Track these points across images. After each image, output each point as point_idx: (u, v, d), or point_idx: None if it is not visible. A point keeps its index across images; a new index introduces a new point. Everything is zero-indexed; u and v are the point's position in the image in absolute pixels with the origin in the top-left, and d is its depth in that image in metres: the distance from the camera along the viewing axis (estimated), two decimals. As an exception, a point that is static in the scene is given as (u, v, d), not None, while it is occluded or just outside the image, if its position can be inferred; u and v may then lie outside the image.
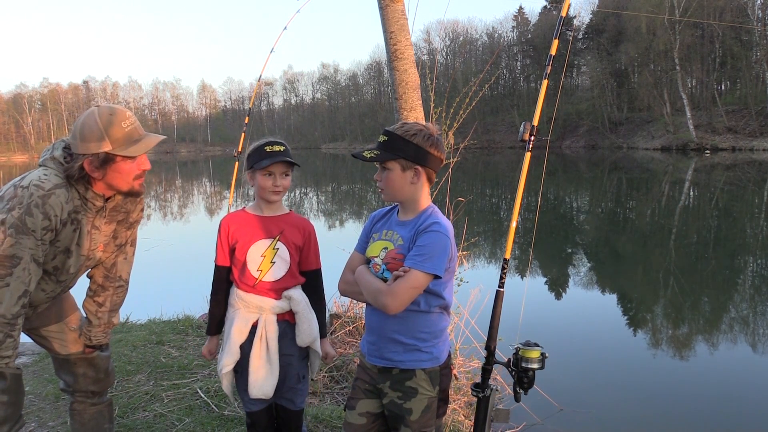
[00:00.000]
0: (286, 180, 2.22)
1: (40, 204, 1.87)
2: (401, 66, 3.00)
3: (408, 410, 1.90)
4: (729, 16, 45.17)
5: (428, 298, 1.87)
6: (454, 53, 78.55)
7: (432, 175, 1.94)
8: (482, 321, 3.66)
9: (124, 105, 54.83)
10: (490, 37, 77.71)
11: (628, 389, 4.75)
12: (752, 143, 41.42)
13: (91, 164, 1.94)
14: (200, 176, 39.74)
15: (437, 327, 1.93)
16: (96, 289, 2.29)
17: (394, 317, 1.86)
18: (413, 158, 1.86)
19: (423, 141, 1.86)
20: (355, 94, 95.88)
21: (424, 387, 1.89)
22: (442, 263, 1.79)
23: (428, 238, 1.81)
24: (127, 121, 1.96)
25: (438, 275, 1.79)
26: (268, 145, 2.20)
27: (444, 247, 1.81)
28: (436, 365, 1.92)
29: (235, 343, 2.22)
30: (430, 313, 1.89)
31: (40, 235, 1.88)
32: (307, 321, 2.24)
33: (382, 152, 1.87)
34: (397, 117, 3.06)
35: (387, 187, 1.90)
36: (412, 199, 1.92)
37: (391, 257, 1.89)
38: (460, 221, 4.54)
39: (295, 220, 2.30)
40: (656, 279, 8.62)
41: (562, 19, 2.31)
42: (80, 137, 1.93)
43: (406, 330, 1.89)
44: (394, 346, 1.90)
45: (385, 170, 1.89)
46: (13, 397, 1.95)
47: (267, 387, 2.20)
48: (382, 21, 3.03)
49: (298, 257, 2.27)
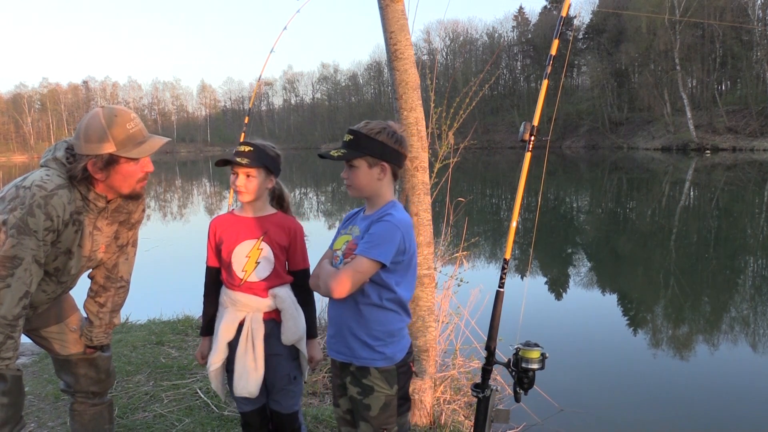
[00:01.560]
0: (249, 181, 2.18)
1: (43, 204, 1.86)
2: (401, 66, 2.99)
3: (367, 406, 1.93)
4: (729, 16, 45.14)
5: (380, 291, 1.89)
6: (454, 53, 78.54)
7: (397, 171, 2.00)
8: (482, 321, 3.66)
9: (123, 105, 54.70)
10: (490, 37, 77.70)
11: (629, 389, 4.74)
12: (753, 143, 41.39)
13: (95, 165, 1.94)
14: (200, 176, 39.73)
15: (393, 326, 1.94)
16: (97, 290, 2.28)
17: (350, 311, 1.91)
18: (379, 155, 1.92)
19: (387, 138, 1.92)
20: (355, 94, 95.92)
21: (379, 385, 1.92)
22: (388, 251, 1.82)
23: (378, 227, 1.86)
24: (132, 122, 1.96)
25: (383, 263, 1.81)
26: (239, 146, 2.21)
27: (392, 236, 1.84)
28: (391, 364, 1.93)
29: (222, 341, 2.23)
30: (383, 308, 1.91)
31: (42, 236, 1.87)
32: (293, 319, 2.23)
33: (349, 151, 1.92)
34: (398, 117, 3.06)
35: (354, 183, 1.95)
36: (377, 195, 1.97)
37: (348, 248, 1.93)
38: (460, 221, 4.54)
39: (281, 220, 2.29)
40: (656, 279, 8.61)
41: (562, 19, 2.31)
42: (84, 138, 1.93)
43: (360, 325, 1.91)
44: (351, 341, 1.94)
45: (352, 168, 1.94)
46: (13, 398, 1.95)
47: (251, 386, 2.19)
48: (382, 21, 3.02)
49: (283, 257, 2.26)
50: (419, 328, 3.10)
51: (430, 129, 3.62)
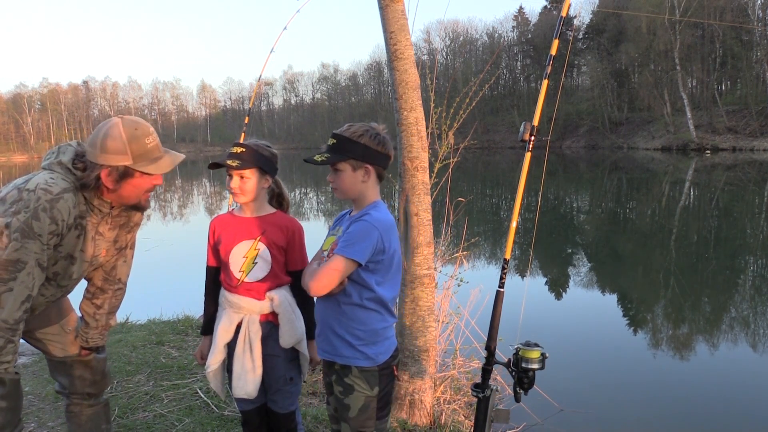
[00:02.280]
0: (243, 183, 2.18)
1: (48, 208, 1.85)
2: (401, 66, 2.99)
3: (347, 406, 1.96)
4: (729, 16, 45.13)
5: (360, 290, 1.91)
6: (454, 53, 78.52)
7: (381, 172, 2.01)
8: (482, 321, 3.66)
9: (123, 105, 54.64)
10: (490, 37, 77.66)
11: (628, 389, 4.75)
12: (753, 143, 41.39)
13: (110, 176, 1.93)
14: (200, 176, 39.69)
15: (374, 326, 1.95)
16: (95, 292, 2.27)
17: (333, 310, 1.94)
18: (362, 157, 1.93)
19: (370, 141, 1.93)
20: (355, 94, 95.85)
21: (360, 385, 1.94)
22: (364, 250, 1.84)
23: (355, 226, 1.89)
24: (150, 137, 1.97)
25: (358, 261, 1.83)
26: (232, 147, 2.21)
27: (367, 235, 1.85)
28: (373, 365, 1.94)
29: (220, 342, 2.24)
30: (364, 308, 1.92)
31: (46, 240, 1.86)
32: (290, 322, 2.23)
33: (332, 155, 1.93)
34: (398, 117, 3.06)
35: (340, 187, 1.97)
36: (362, 196, 1.99)
37: (332, 249, 1.94)
38: (460, 221, 4.54)
39: (279, 220, 2.28)
40: (656, 279, 8.62)
41: (562, 19, 2.31)
42: (101, 147, 1.91)
43: (342, 324, 1.94)
44: (333, 339, 1.96)
45: (337, 171, 1.95)
46: (12, 402, 1.94)
47: (249, 386, 2.20)
48: (382, 21, 3.02)
49: (282, 258, 2.25)
50: (419, 328, 3.10)
51: (430, 129, 3.62)
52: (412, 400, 3.18)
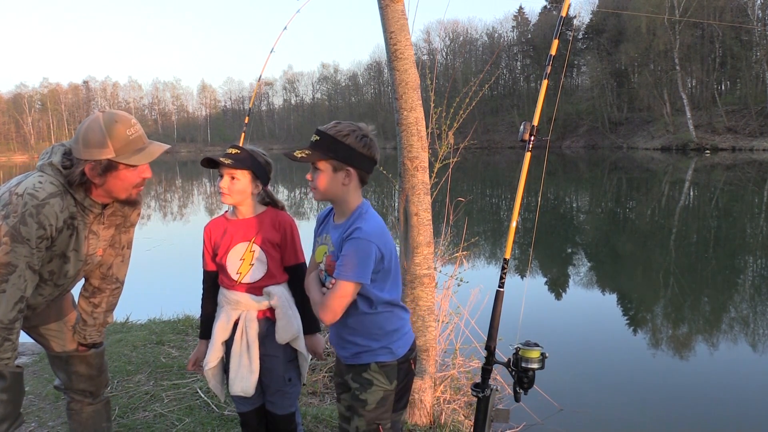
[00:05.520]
0: (232, 183, 2.17)
1: (35, 213, 1.85)
2: (401, 66, 2.99)
3: (363, 401, 1.91)
4: (729, 16, 45.17)
5: (368, 301, 1.88)
6: (454, 53, 78.52)
7: (365, 176, 1.90)
8: (482, 321, 3.66)
9: (124, 105, 54.83)
10: (490, 37, 77.67)
11: (628, 389, 4.75)
12: (752, 143, 41.41)
13: (93, 170, 1.93)
14: (200, 176, 39.64)
15: (390, 326, 1.93)
16: (92, 291, 2.28)
17: (346, 320, 1.89)
18: (345, 159, 1.83)
19: (355, 141, 1.83)
20: (355, 94, 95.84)
21: (378, 380, 1.91)
22: (366, 270, 1.79)
23: (349, 247, 1.80)
24: (132, 129, 1.95)
25: (363, 282, 1.80)
26: (228, 148, 2.21)
27: (366, 254, 1.79)
28: (393, 359, 1.92)
29: (218, 340, 2.24)
30: (377, 313, 1.90)
31: (35, 244, 1.87)
32: (286, 318, 2.22)
33: (314, 152, 1.83)
34: (398, 117, 3.06)
35: (317, 187, 1.87)
36: (343, 200, 1.90)
37: (328, 264, 1.91)
38: (460, 221, 4.55)
39: (271, 217, 2.27)
40: (656, 279, 8.62)
41: (562, 19, 2.31)
42: (83, 142, 1.92)
43: (358, 333, 1.91)
44: (351, 347, 1.94)
45: (317, 170, 1.86)
46: (12, 395, 1.95)
47: (246, 384, 2.19)
48: (382, 21, 3.02)
49: (278, 255, 2.25)
50: (419, 328, 3.10)
51: (430, 129, 3.62)
52: (411, 400, 3.19)
